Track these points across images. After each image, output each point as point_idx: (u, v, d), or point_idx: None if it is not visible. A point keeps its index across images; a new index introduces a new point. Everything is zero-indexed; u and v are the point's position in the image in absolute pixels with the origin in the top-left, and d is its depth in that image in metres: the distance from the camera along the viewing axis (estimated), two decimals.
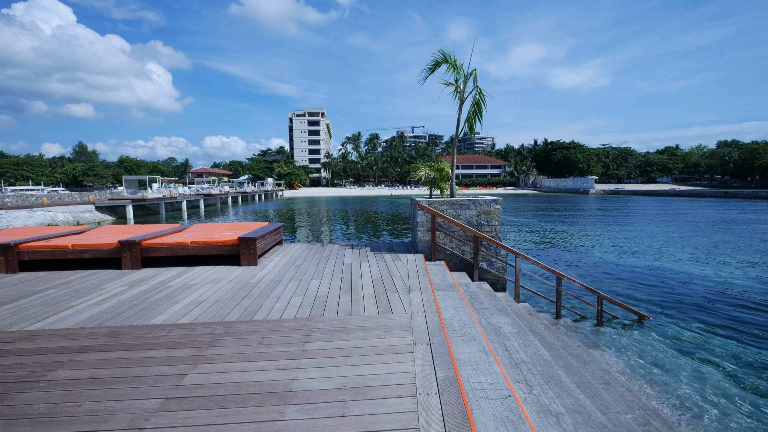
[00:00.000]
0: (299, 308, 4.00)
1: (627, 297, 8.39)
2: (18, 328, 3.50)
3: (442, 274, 5.80)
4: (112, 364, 2.77)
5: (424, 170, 7.74)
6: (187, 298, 4.37)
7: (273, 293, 4.56)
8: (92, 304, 4.20)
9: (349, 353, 2.93)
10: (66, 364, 2.77)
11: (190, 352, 2.96)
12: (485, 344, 3.35)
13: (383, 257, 6.69)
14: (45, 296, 4.54)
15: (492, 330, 4.24)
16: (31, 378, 2.59)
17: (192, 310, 3.97)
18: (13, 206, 23.89)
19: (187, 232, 7.33)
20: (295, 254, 7.02)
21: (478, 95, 7.35)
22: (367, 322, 3.57)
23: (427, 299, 4.31)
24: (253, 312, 3.89)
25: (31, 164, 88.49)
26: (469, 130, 7.59)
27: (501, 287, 7.08)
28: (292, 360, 2.81)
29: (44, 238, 6.31)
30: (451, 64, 7.57)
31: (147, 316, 3.77)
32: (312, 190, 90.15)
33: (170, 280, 5.22)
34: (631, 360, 5.49)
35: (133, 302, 4.25)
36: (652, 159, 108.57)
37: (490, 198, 7.12)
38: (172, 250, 6.06)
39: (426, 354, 2.93)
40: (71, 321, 3.68)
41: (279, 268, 5.90)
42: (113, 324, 3.57)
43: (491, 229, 7.07)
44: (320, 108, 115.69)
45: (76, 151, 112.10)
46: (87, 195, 34.36)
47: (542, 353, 4.01)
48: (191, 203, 40.66)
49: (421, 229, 6.96)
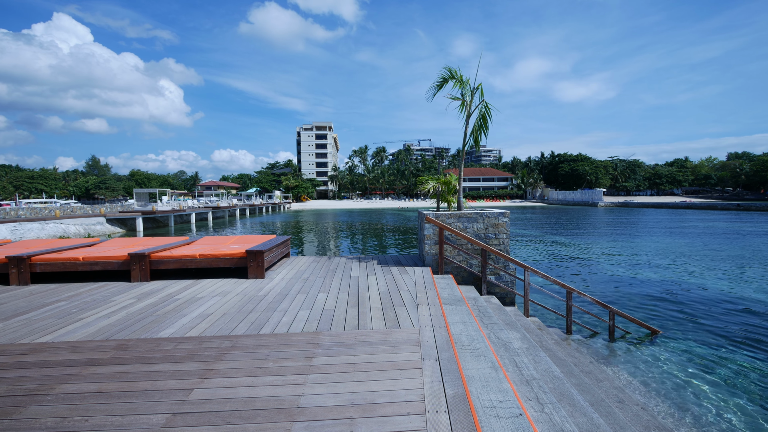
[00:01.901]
0: (306, 322, 3.98)
1: (639, 311, 8.22)
2: (28, 341, 3.52)
3: (449, 288, 5.74)
4: (120, 377, 2.77)
5: (431, 183, 7.75)
6: (195, 311, 4.38)
7: (280, 306, 4.55)
8: (101, 317, 4.22)
9: (357, 369, 2.89)
10: (74, 378, 2.78)
11: (197, 366, 2.95)
12: (495, 360, 3.29)
13: (390, 270, 6.66)
14: (55, 308, 4.58)
15: (501, 345, 4.16)
16: (39, 391, 2.59)
17: (199, 323, 3.97)
18: (26, 219, 24.35)
19: (195, 245, 7.39)
20: (302, 267, 7.02)
21: (484, 109, 7.40)
22: (374, 337, 3.53)
23: (435, 313, 4.26)
24: (260, 326, 3.88)
25: (45, 177, 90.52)
26: (475, 143, 7.62)
27: (510, 301, 6.98)
28: (299, 375, 2.78)
29: (56, 251, 6.40)
30: (458, 79, 7.65)
31: (155, 329, 3.78)
32: (319, 202, 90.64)
33: (178, 293, 5.24)
34: (645, 377, 5.34)
35: (142, 315, 4.27)
36: (661, 171, 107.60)
37: (497, 211, 7.09)
38: (181, 263, 6.10)
39: (435, 370, 2.88)
40: (80, 333, 3.69)
41: (286, 282, 5.90)
42: (121, 337, 3.58)
43: (499, 242, 7.02)
44: (327, 122, 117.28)
45: (89, 165, 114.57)
46: (98, 208, 34.93)
47: (553, 370, 3.93)
48: (200, 216, 41.07)
49: (428, 242, 6.93)
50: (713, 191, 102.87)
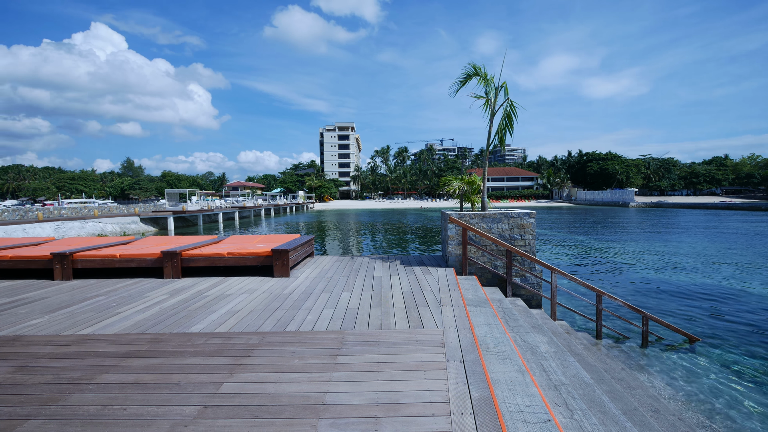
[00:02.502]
0: (330, 321, 4.02)
1: (674, 317, 7.84)
2: (71, 332, 3.74)
3: (473, 289, 5.67)
4: (155, 370, 2.89)
5: (455, 183, 7.67)
6: (224, 308, 4.51)
7: (305, 305, 4.62)
8: (137, 312, 4.42)
9: (381, 368, 2.90)
10: (113, 368, 2.92)
11: (226, 360, 3.04)
12: (521, 363, 3.22)
13: (413, 271, 6.64)
14: (95, 303, 4.83)
15: (528, 349, 4.07)
16: (82, 380, 2.74)
17: (228, 319, 4.09)
18: (68, 217, 25.82)
19: (223, 244, 7.61)
20: (325, 266, 7.11)
21: (509, 107, 7.26)
22: (398, 337, 3.53)
23: (459, 315, 4.21)
24: (285, 323, 3.95)
25: (84, 179, 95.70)
26: (500, 142, 7.48)
27: (536, 304, 6.82)
28: (324, 373, 2.82)
29: (95, 248, 6.75)
30: (482, 77, 7.54)
31: (186, 324, 3.92)
32: (341, 202, 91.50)
33: (208, 290, 5.42)
34: (682, 386, 5.09)
35: (174, 310, 4.44)
36: (698, 170, 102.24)
37: (523, 211, 6.94)
38: (210, 261, 6.30)
39: (459, 372, 2.85)
40: (118, 327, 3.88)
41: (310, 280, 5.99)
42: (156, 331, 3.74)
43: (525, 243, 6.87)
44: (350, 122, 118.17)
45: (124, 167, 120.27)
46: (133, 207, 36.60)
47: (583, 375, 3.81)
48: (227, 215, 42.31)
49: (451, 243, 6.87)
50: (756, 191, 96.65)
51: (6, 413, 2.36)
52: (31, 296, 5.19)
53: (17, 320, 4.16)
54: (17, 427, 2.21)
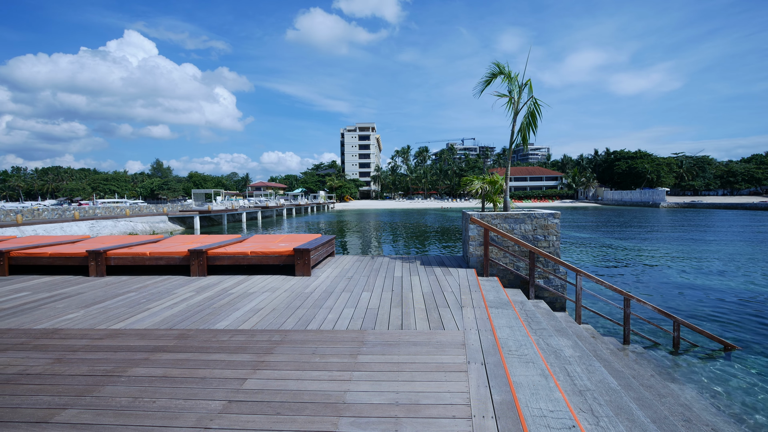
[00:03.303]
0: (351, 320, 4.05)
1: (709, 323, 7.48)
2: (105, 326, 3.91)
3: (495, 291, 5.59)
4: (182, 364, 2.99)
5: (477, 183, 7.57)
6: (247, 306, 4.62)
7: (326, 304, 4.67)
8: (165, 308, 4.58)
9: (401, 368, 2.90)
10: (143, 362, 3.04)
11: (249, 357, 3.11)
12: (544, 367, 3.15)
13: (434, 271, 6.60)
14: (126, 299, 5.04)
15: (551, 353, 3.98)
16: (114, 373, 2.87)
17: (251, 317, 4.18)
18: (102, 216, 27.07)
19: (247, 243, 7.79)
20: (346, 266, 7.16)
21: (533, 105, 7.11)
22: (418, 338, 3.52)
23: (481, 316, 4.16)
24: (307, 321, 4.01)
25: (117, 180, 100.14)
26: (523, 141, 7.35)
27: (560, 307, 6.65)
28: (344, 372, 2.84)
29: (126, 246, 7.05)
30: (506, 75, 7.43)
31: (212, 321, 4.04)
32: (362, 202, 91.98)
33: (232, 288, 5.56)
34: (717, 395, 4.85)
35: (200, 307, 4.58)
36: (735, 168, 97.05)
37: (547, 212, 6.78)
38: (234, 259, 6.47)
39: (481, 374, 2.81)
40: (148, 322, 4.04)
41: (331, 279, 6.05)
42: (183, 327, 3.87)
43: (548, 244, 6.71)
44: (370, 123, 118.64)
45: (154, 168, 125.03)
46: (161, 207, 38.00)
47: (609, 381, 3.69)
48: (250, 215, 43.30)
49: (472, 244, 6.79)
50: None
51: (45, 402, 2.49)
52: (68, 291, 5.47)
53: (56, 314, 4.39)
54: (55, 416, 2.33)
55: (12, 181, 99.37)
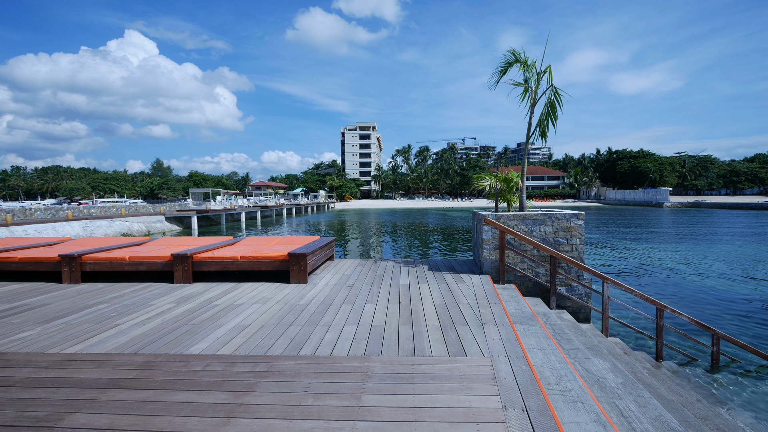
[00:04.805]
0: (353, 341, 3.40)
1: (744, 334, 6.81)
2: (57, 350, 3.26)
3: (515, 302, 4.93)
4: (137, 409, 2.34)
5: (488, 180, 6.91)
6: (232, 321, 3.97)
7: (323, 319, 4.02)
8: (136, 324, 3.93)
9: (419, 416, 2.25)
10: (89, 405, 2.39)
11: (224, 397, 2.45)
12: (597, 408, 2.50)
13: (444, 278, 5.94)
14: (95, 312, 4.39)
15: (594, 382, 3.32)
16: (46, 422, 2.22)
17: (234, 337, 3.53)
18: (97, 216, 26.42)
19: (239, 245, 7.14)
20: (347, 272, 6.51)
21: (552, 95, 6.45)
22: (436, 368, 2.87)
23: (507, 336, 3.50)
24: (300, 343, 3.36)
25: (117, 179, 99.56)
26: (541, 135, 6.67)
27: (584, 317, 6.00)
28: (345, 422, 2.19)
29: (105, 250, 6.40)
30: (522, 63, 6.77)
31: (187, 343, 3.38)
32: (362, 202, 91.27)
33: (218, 298, 4.91)
34: None
35: (177, 324, 3.93)
36: (738, 168, 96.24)
37: (569, 212, 6.12)
38: (223, 265, 5.81)
39: (524, 426, 2.16)
40: (110, 344, 3.39)
41: (330, 288, 5.40)
42: (150, 351, 3.21)
43: (571, 248, 6.05)
44: (371, 122, 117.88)
45: (154, 167, 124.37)
46: (159, 207, 37.35)
47: (667, 418, 3.03)
48: (249, 214, 42.64)
49: (486, 247, 6.13)
50: None
51: None
52: (32, 302, 4.82)
53: (7, 332, 3.74)
54: None
55: (11, 180, 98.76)
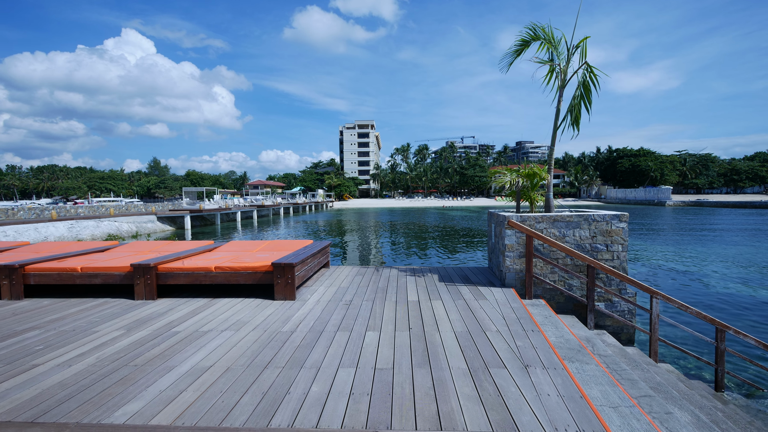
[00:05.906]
0: (349, 399, 2.41)
1: None
2: None
3: (553, 325, 3.96)
4: None
5: (509, 176, 5.93)
6: (189, 360, 2.98)
7: (311, 357, 3.03)
8: (61, 364, 2.94)
9: None
10: None
11: None
12: None
13: (459, 292, 4.96)
14: (18, 343, 3.39)
15: None
16: None
17: (185, 389, 2.53)
18: (84, 216, 25.34)
19: (218, 252, 6.15)
20: (343, 283, 5.52)
21: (586, 75, 5.47)
22: None
23: (566, 390, 2.51)
24: (274, 402, 2.37)
25: (113, 178, 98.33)
26: (573, 123, 5.69)
27: (626, 339, 5.04)
28: None
29: (56, 258, 5.39)
30: (546, 40, 5.80)
31: (114, 402, 2.39)
32: (361, 201, 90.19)
33: (181, 321, 3.92)
34: None
35: (115, 363, 2.94)
36: (739, 166, 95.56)
37: (609, 213, 5.14)
38: (193, 277, 4.81)
39: None
40: (7, 402, 2.39)
41: (323, 307, 4.41)
42: (56, 417, 2.22)
43: (612, 256, 5.08)
44: (370, 120, 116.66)
45: (151, 166, 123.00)
46: (150, 206, 36.26)
47: None
48: (245, 214, 41.55)
49: (510, 255, 5.15)
50: None
51: None
52: None
53: None
54: None
55: (7, 179, 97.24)
